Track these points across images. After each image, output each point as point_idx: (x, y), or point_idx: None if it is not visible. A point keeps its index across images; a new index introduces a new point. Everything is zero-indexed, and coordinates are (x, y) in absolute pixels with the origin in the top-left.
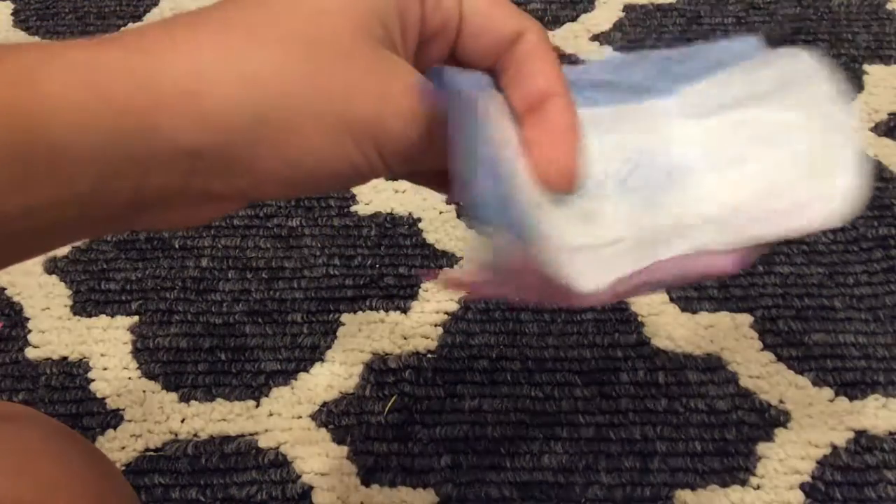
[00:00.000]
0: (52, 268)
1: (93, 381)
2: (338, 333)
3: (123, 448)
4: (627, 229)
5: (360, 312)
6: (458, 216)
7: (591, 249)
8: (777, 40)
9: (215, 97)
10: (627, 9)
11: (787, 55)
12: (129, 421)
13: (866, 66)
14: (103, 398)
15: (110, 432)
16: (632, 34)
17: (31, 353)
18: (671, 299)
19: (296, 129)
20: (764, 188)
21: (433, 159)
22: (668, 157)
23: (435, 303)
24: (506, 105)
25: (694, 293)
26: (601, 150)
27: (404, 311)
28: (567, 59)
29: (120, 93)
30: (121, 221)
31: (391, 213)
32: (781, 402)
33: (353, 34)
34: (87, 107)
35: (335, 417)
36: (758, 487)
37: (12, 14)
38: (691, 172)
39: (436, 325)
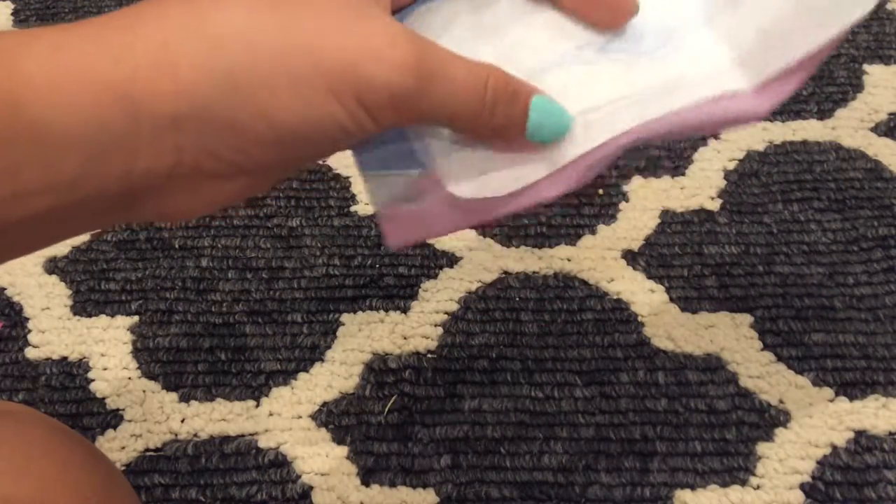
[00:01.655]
0: (52, 268)
1: (93, 381)
2: (338, 333)
3: (123, 448)
4: (619, 88)
5: (360, 312)
6: None
7: (586, 113)
8: None
9: (186, 64)
10: None
11: None
12: (129, 421)
13: (866, 66)
14: (103, 398)
15: (110, 432)
16: None
17: (31, 353)
18: (671, 299)
19: (269, 87)
20: (775, 15)
21: (424, 107)
22: (663, 14)
23: (435, 303)
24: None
25: (694, 293)
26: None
27: (404, 311)
28: None
29: (97, 69)
30: (117, 211)
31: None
32: (781, 402)
33: None
34: (65, 86)
35: (335, 417)
36: (758, 487)
37: (12, 14)
38: (693, 24)
39: (436, 325)
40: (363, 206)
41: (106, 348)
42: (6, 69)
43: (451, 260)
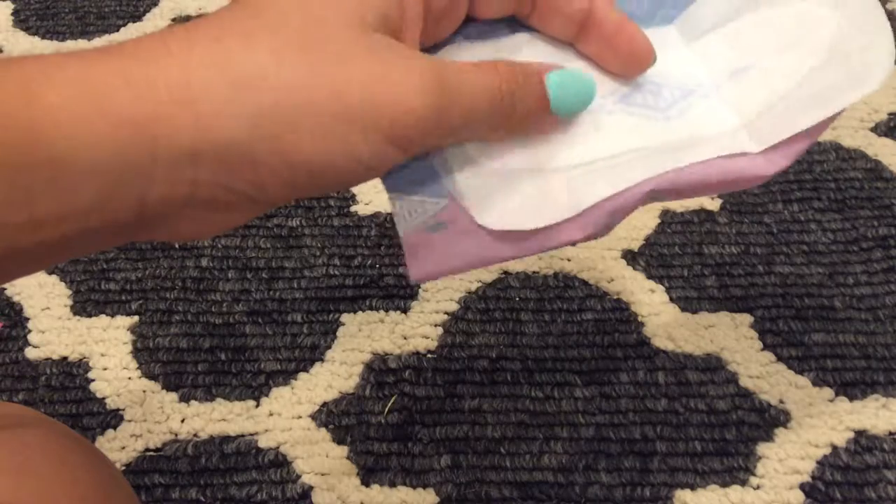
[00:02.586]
0: (52, 268)
1: (93, 381)
2: (338, 333)
3: (123, 448)
4: (635, 140)
5: (360, 312)
6: None
7: (582, 167)
8: None
9: (210, 103)
10: None
11: None
12: (129, 421)
13: None
14: (103, 398)
15: (110, 432)
16: None
17: (31, 353)
18: (671, 299)
19: (293, 129)
20: (784, 86)
21: (452, 121)
22: (682, 77)
23: (435, 303)
24: None
25: (694, 293)
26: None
27: (404, 311)
28: None
29: (117, 103)
30: (128, 234)
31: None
32: (781, 402)
33: (348, 30)
34: (86, 118)
35: (335, 417)
36: (758, 487)
37: (12, 14)
38: (711, 88)
39: (436, 325)
40: (363, 206)
41: (106, 348)
42: (27, 98)
43: None
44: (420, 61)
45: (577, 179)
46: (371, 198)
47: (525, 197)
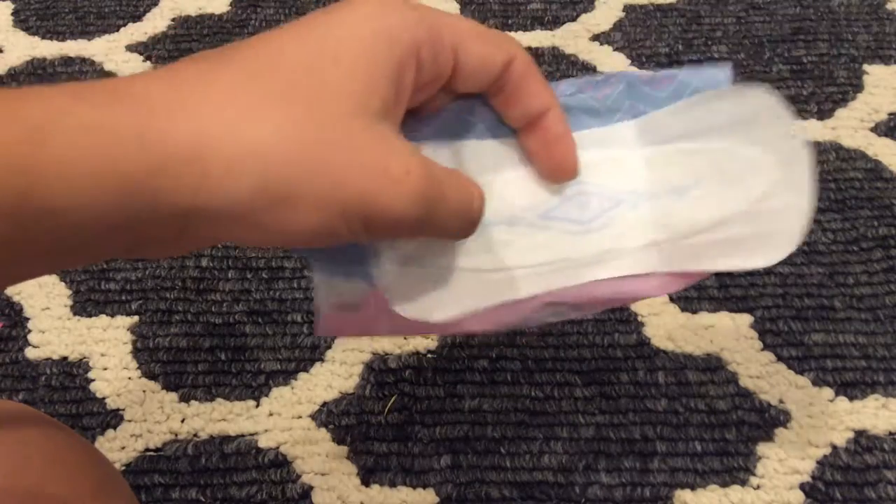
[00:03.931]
0: None
1: (93, 381)
2: None
3: (123, 448)
4: (540, 256)
5: None
6: None
7: (464, 275)
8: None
9: (218, 164)
10: (627, 9)
11: (750, 91)
12: (129, 421)
13: (866, 66)
14: (103, 398)
15: (110, 432)
16: (632, 34)
17: (31, 353)
18: (671, 299)
19: (292, 204)
20: (708, 219)
21: (424, 230)
22: (620, 182)
23: None
24: None
25: (694, 293)
26: (540, 180)
27: None
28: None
29: (126, 157)
30: (113, 258)
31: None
32: (781, 402)
33: (354, 111)
34: (92, 171)
35: (335, 417)
36: (758, 487)
37: (12, 14)
38: (642, 198)
39: None
40: None
41: (106, 348)
42: (35, 148)
43: None
44: (415, 162)
45: (481, 284)
46: None
47: (437, 292)
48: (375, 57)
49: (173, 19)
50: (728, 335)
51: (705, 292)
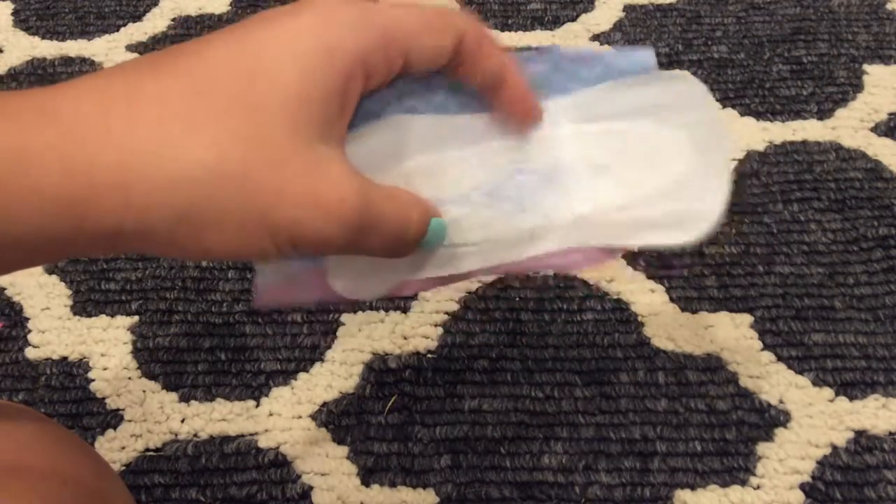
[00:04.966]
0: (52, 268)
1: (93, 381)
2: (338, 333)
3: (123, 448)
4: (481, 234)
5: (360, 312)
6: None
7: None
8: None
9: (143, 194)
10: (627, 9)
11: (679, 77)
12: (129, 421)
13: (866, 66)
14: (103, 398)
15: (110, 432)
16: (632, 34)
17: (31, 353)
18: (671, 299)
19: (215, 228)
20: (629, 197)
21: (351, 250)
22: (549, 160)
23: (435, 303)
24: None
25: (694, 293)
26: (483, 159)
27: (404, 311)
28: None
29: (52, 183)
30: (95, 258)
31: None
32: (781, 402)
33: (291, 134)
34: (18, 194)
35: (335, 417)
36: (758, 487)
37: (12, 14)
38: (569, 176)
39: (436, 325)
40: None
41: (106, 348)
42: None
43: None
44: (351, 196)
45: (424, 260)
46: None
47: (379, 268)
48: (312, 76)
49: (173, 19)
50: (728, 335)
51: (705, 292)
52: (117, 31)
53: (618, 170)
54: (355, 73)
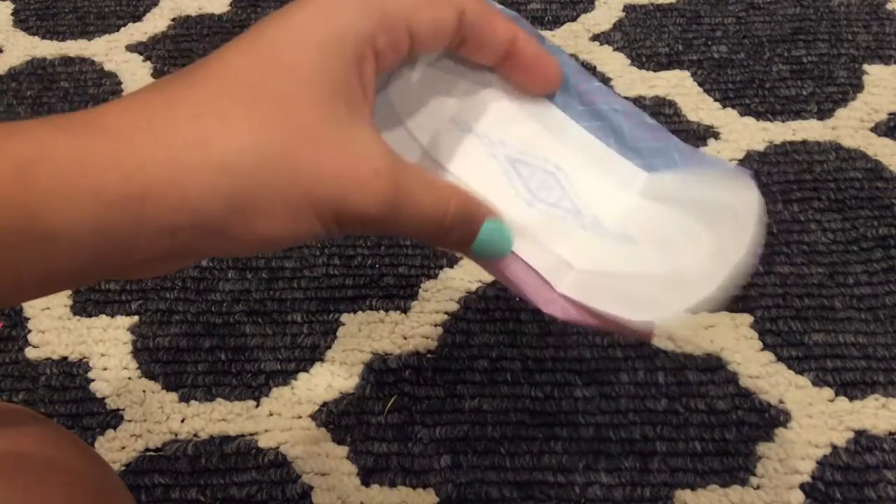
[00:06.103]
0: None
1: (93, 381)
2: (338, 333)
3: (123, 448)
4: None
5: (360, 312)
6: None
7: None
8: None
9: (194, 185)
10: (627, 9)
11: (743, 184)
12: (129, 421)
13: (866, 66)
14: (103, 398)
15: (110, 432)
16: (632, 34)
17: (31, 353)
18: None
19: (265, 211)
20: (626, 271)
21: (390, 228)
22: (591, 200)
23: (435, 303)
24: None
25: None
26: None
27: (404, 311)
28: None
29: (108, 186)
30: (102, 279)
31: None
32: (781, 402)
33: (320, 117)
34: (79, 200)
35: (335, 417)
36: (758, 487)
37: (12, 14)
38: (592, 223)
39: (436, 325)
40: None
41: (106, 348)
42: (24, 182)
43: (451, 260)
44: (385, 164)
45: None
46: None
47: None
48: (328, 62)
49: (173, 19)
50: (728, 335)
51: None
52: (117, 31)
53: (636, 245)
54: (366, 54)
